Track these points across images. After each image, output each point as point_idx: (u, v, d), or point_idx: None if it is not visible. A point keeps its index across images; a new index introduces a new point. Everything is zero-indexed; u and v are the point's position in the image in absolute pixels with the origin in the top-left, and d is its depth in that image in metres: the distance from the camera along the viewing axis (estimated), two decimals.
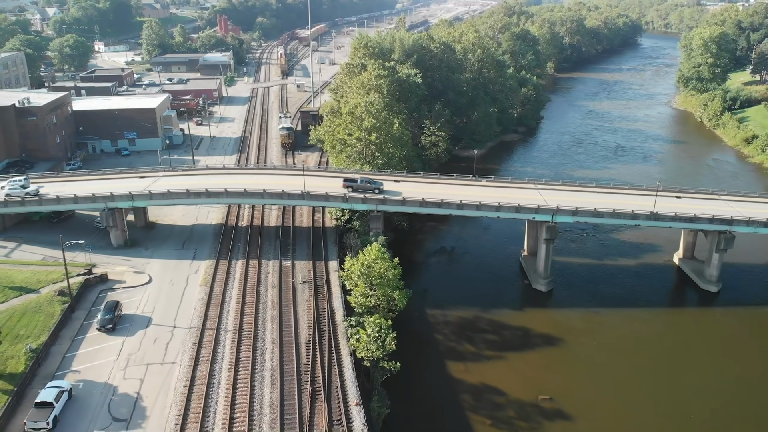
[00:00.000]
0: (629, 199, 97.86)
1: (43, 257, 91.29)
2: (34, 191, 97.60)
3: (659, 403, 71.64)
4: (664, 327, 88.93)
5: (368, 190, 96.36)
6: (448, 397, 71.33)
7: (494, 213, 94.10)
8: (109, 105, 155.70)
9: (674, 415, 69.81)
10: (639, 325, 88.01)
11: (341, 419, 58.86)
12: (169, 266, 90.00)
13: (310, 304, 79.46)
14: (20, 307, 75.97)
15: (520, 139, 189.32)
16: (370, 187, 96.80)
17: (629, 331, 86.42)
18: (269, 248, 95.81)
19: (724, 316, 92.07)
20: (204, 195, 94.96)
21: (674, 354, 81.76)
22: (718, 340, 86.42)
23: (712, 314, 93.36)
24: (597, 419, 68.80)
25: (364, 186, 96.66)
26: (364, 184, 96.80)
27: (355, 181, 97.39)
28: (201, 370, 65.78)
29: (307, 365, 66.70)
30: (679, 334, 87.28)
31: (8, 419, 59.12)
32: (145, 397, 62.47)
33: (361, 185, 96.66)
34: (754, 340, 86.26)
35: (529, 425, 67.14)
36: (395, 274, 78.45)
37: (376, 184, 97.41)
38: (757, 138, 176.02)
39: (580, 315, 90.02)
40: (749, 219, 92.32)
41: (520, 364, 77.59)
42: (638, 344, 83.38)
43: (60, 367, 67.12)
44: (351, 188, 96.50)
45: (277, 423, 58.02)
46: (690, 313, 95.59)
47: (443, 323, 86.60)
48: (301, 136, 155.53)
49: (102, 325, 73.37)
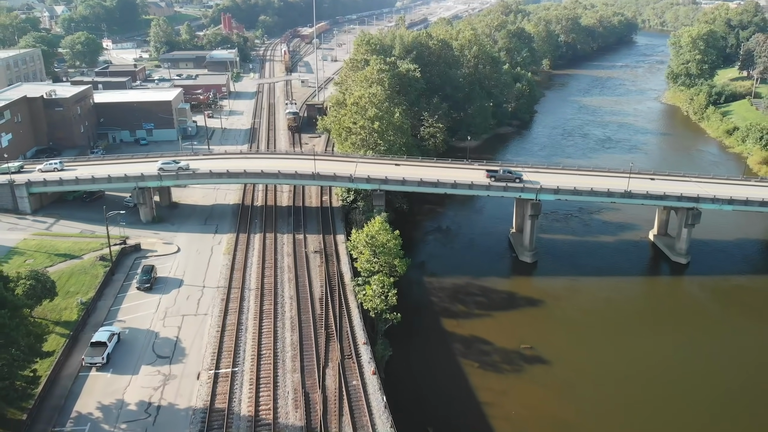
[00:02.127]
0: (607, 180, 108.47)
1: (80, 231, 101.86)
2: None
3: (625, 353, 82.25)
4: (635, 292, 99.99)
5: (509, 180, 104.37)
6: (441, 345, 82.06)
7: (485, 192, 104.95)
8: (127, 98, 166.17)
9: (636, 362, 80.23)
10: (613, 291, 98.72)
11: (351, 354, 69.68)
12: (194, 239, 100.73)
13: (321, 269, 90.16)
14: (67, 270, 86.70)
15: (514, 131, 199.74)
16: (511, 177, 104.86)
17: (604, 296, 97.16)
18: (283, 224, 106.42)
19: (691, 284, 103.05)
20: (225, 175, 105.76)
21: (642, 314, 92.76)
22: (683, 304, 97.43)
23: (680, 282, 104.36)
24: (570, 364, 79.31)
25: (505, 176, 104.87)
26: (505, 174, 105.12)
27: (497, 171, 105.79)
28: (230, 319, 76.55)
29: (321, 315, 77.48)
30: (648, 299, 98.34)
31: (67, 357, 69.74)
32: (183, 340, 73.23)
33: (502, 175, 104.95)
34: (715, 305, 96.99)
35: (512, 368, 77.86)
36: (396, 244, 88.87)
37: (516, 174, 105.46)
38: (738, 130, 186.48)
39: (561, 282, 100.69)
40: (714, 197, 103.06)
41: (505, 321, 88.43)
42: (611, 306, 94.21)
43: (107, 318, 77.89)
44: (493, 178, 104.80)
45: (297, 358, 68.83)
46: (660, 281, 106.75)
47: (438, 288, 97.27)
48: (307, 123, 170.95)
49: (141, 284, 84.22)
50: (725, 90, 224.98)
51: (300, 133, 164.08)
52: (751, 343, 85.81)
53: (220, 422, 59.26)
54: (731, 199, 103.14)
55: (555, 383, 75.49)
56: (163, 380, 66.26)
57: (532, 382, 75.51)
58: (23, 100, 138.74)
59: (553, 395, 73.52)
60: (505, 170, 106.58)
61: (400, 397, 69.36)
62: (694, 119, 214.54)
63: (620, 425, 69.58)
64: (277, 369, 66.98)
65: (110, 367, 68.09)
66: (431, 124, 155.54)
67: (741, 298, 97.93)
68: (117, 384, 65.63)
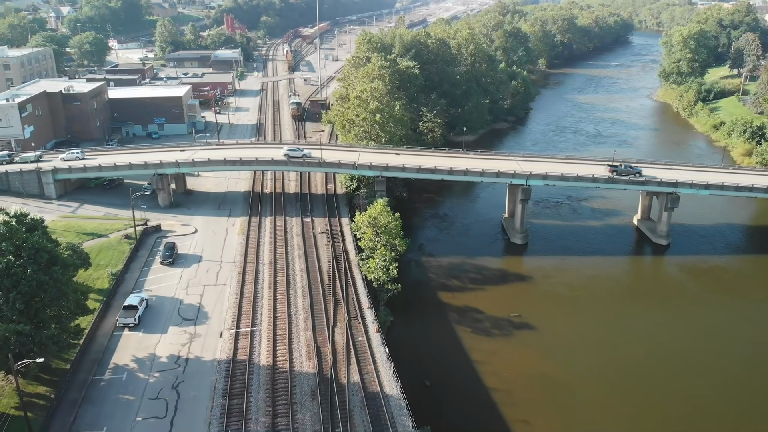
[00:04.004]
0: (593, 168, 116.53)
1: (103, 214, 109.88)
2: None
3: (606, 323, 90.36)
4: (618, 270, 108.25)
5: (630, 174, 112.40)
6: (438, 314, 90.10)
7: (479, 178, 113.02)
8: (139, 94, 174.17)
9: (615, 330, 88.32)
10: (598, 270, 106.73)
11: (357, 316, 77.76)
12: (210, 221, 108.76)
13: (328, 247, 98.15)
14: (96, 247, 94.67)
15: (510, 127, 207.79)
16: (632, 171, 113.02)
17: (589, 273, 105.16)
18: (291, 209, 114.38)
19: (669, 263, 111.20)
20: (238, 163, 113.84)
21: (623, 289, 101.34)
22: (661, 281, 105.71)
23: (660, 262, 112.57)
24: (555, 331, 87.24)
25: (626, 171, 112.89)
26: (626, 169, 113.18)
27: (618, 166, 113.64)
28: (247, 288, 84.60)
29: (329, 285, 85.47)
30: (629, 276, 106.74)
31: (102, 319, 77.86)
32: (205, 306, 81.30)
33: (624, 170, 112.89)
34: (691, 282, 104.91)
35: (501, 333, 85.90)
36: (396, 225, 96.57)
37: (637, 170, 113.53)
38: (724, 124, 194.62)
39: (550, 262, 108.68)
40: (692, 182, 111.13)
41: (497, 293, 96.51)
42: (595, 282, 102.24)
43: (135, 288, 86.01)
44: (615, 172, 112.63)
45: (309, 319, 76.89)
46: (641, 260, 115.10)
47: (436, 267, 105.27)
48: (310, 117, 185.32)
49: (164, 259, 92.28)
50: (714, 87, 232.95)
51: (303, 121, 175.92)
52: (721, 316, 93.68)
53: (242, 370, 67.29)
54: (708, 184, 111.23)
55: (540, 346, 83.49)
56: (189, 338, 74.30)
57: (520, 345, 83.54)
58: (43, 94, 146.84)
59: (538, 356, 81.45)
60: (626, 165, 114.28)
61: (400, 356, 77.01)
62: (684, 115, 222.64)
63: (596, 381, 77.50)
64: (291, 328, 75.12)
65: (141, 328, 76.23)
66: (430, 119, 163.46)
67: (716, 277, 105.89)
68: (148, 341, 73.68)
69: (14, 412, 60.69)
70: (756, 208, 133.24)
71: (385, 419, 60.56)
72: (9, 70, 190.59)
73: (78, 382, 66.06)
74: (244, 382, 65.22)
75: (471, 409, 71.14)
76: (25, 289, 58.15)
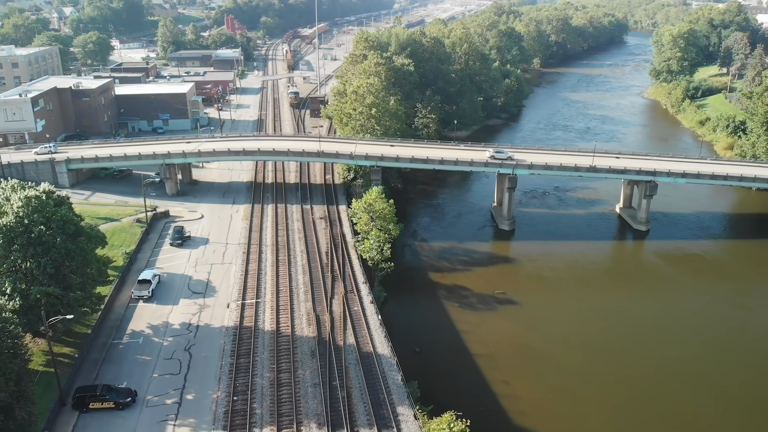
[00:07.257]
0: (576, 158, 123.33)
1: (115, 201, 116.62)
2: None
3: (585, 301, 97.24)
4: (599, 254, 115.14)
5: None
6: (428, 291, 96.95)
7: (468, 167, 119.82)
8: (145, 90, 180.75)
9: (593, 307, 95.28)
10: (581, 254, 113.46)
11: (353, 290, 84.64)
12: (215, 208, 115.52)
13: (326, 231, 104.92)
14: (109, 230, 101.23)
15: (503, 123, 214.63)
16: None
17: (572, 257, 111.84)
18: (291, 197, 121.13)
19: (648, 247, 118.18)
20: (242, 153, 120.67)
21: (603, 271, 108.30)
22: (639, 264, 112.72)
23: (639, 246, 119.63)
24: (537, 307, 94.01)
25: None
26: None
27: None
28: (252, 266, 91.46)
29: (327, 263, 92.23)
30: (609, 259, 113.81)
31: (118, 292, 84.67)
32: (213, 281, 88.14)
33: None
34: (667, 265, 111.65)
35: (487, 307, 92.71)
36: (391, 211, 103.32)
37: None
38: (709, 120, 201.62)
39: (535, 246, 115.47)
40: (669, 171, 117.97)
41: (484, 273, 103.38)
42: (577, 264, 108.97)
43: (147, 266, 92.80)
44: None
45: (309, 292, 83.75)
46: (621, 245, 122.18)
47: (427, 250, 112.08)
48: (308, 108, 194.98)
49: (173, 240, 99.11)
50: (702, 85, 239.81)
51: (300, 109, 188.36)
52: (694, 296, 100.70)
53: (248, 335, 74.04)
54: (684, 173, 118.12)
55: (523, 319, 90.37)
56: (199, 309, 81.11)
57: (503, 318, 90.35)
58: (54, 90, 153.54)
59: (520, 328, 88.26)
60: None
61: (393, 327, 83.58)
62: (672, 112, 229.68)
63: (573, 349, 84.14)
64: (293, 299, 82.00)
65: (154, 300, 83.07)
66: (425, 115, 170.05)
67: (691, 260, 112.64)
68: (161, 311, 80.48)
69: (42, 368, 67.34)
70: (735, 198, 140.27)
71: (377, 374, 67.36)
72: (17, 68, 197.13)
73: (99, 345, 72.89)
74: (250, 345, 72.00)
75: (457, 371, 77.92)
76: (55, 256, 64.88)
